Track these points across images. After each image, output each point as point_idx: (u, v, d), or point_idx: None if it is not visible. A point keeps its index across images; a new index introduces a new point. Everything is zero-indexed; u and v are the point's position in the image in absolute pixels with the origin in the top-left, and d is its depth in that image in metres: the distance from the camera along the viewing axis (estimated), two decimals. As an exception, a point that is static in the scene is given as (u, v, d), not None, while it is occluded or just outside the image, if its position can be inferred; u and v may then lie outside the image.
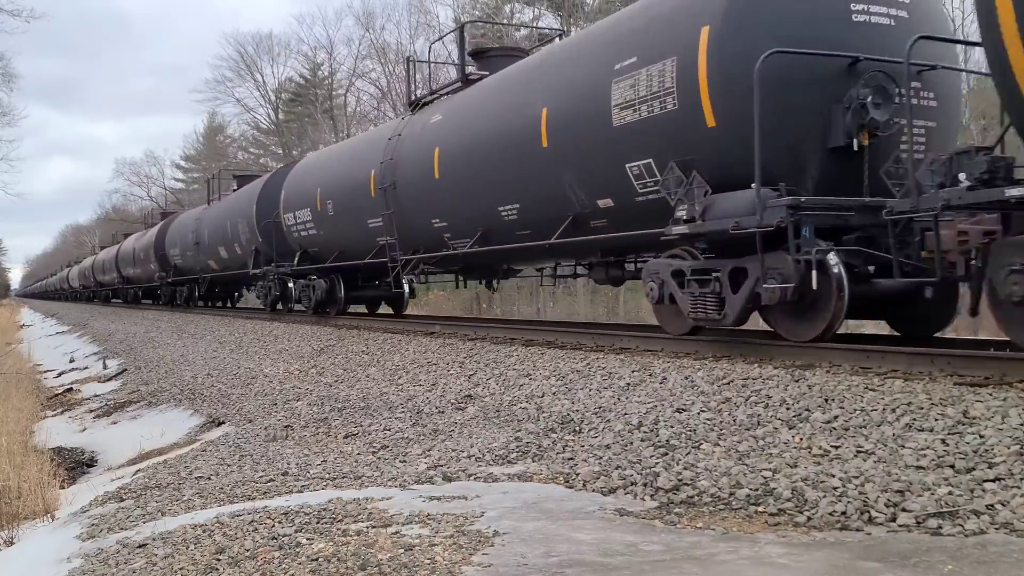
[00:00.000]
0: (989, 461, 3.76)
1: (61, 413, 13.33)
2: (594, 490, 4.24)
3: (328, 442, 6.52)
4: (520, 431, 5.65)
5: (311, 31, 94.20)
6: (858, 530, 3.37)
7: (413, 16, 43.06)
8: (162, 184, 71.03)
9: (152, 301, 34.67)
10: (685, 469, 4.29)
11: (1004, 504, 3.40)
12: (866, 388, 4.96)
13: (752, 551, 3.14)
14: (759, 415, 4.95)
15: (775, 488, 3.85)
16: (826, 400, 4.91)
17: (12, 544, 5.51)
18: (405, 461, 5.40)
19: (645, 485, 4.16)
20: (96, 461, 9.72)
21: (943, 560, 2.92)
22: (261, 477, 5.35)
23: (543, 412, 6.07)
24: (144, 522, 4.61)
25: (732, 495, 3.89)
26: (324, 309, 15.51)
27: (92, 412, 12.59)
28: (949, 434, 4.11)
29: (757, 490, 3.88)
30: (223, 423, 8.85)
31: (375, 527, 3.68)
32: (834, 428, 4.52)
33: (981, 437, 3.99)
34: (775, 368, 5.87)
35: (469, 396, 7.16)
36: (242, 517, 4.11)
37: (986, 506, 3.39)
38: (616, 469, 4.49)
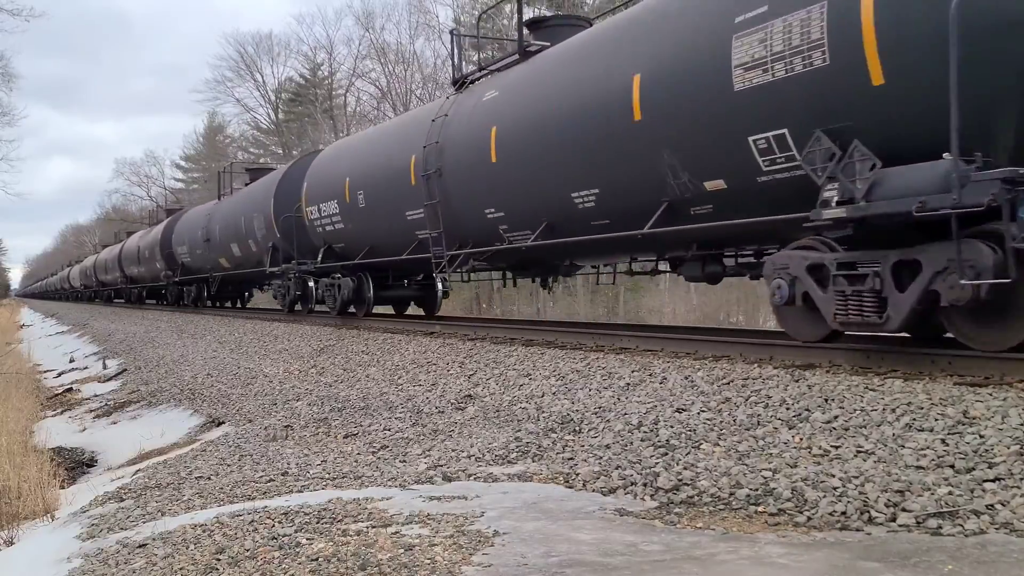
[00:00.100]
0: (989, 461, 3.76)
1: (61, 413, 13.34)
2: (594, 490, 4.24)
3: (328, 442, 6.52)
4: (520, 431, 5.65)
5: (311, 31, 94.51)
6: (858, 530, 3.37)
7: (413, 16, 43.12)
8: (162, 184, 71.22)
9: (156, 301, 33.80)
10: (685, 469, 4.29)
11: (1004, 504, 3.40)
12: (866, 388, 4.96)
13: (752, 551, 3.14)
14: (759, 415, 4.95)
15: (775, 488, 3.85)
16: (826, 400, 4.92)
17: (12, 544, 5.51)
18: (405, 461, 5.40)
19: (645, 485, 4.16)
20: (96, 461, 9.73)
21: (943, 560, 2.92)
22: (261, 477, 5.36)
23: (543, 412, 6.08)
24: (144, 522, 4.61)
25: (732, 495, 3.89)
26: (349, 310, 14.49)
27: (92, 412, 12.60)
28: (949, 434, 4.11)
29: (757, 490, 3.88)
30: (223, 423, 8.86)
31: (375, 527, 3.69)
32: (834, 428, 4.52)
33: (981, 437, 4.00)
34: (775, 368, 5.87)
35: (469, 396, 7.17)
36: (242, 517, 4.11)
37: (986, 506, 3.39)
38: (616, 469, 4.49)
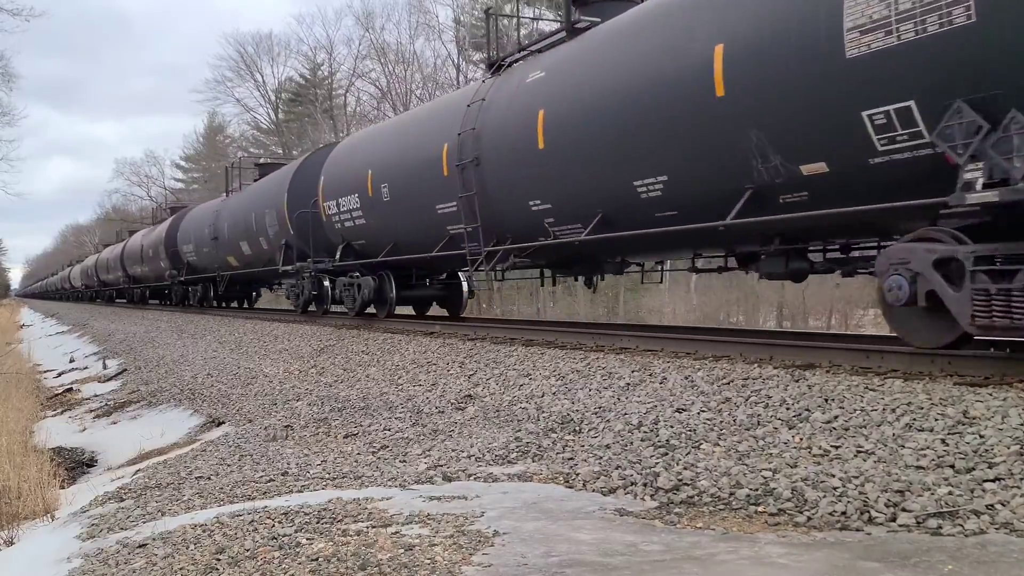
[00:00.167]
0: (989, 461, 3.76)
1: (61, 413, 13.34)
2: (594, 490, 4.24)
3: (328, 442, 6.52)
4: (520, 431, 5.65)
5: (311, 31, 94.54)
6: (858, 530, 3.37)
7: (413, 16, 43.14)
8: (162, 184, 71.19)
9: (160, 301, 33.02)
10: (685, 469, 4.29)
11: (1004, 504, 3.40)
12: (866, 388, 4.96)
13: (752, 551, 3.14)
14: (759, 415, 4.95)
15: (775, 488, 3.85)
16: (826, 400, 4.91)
17: (12, 544, 5.51)
18: (405, 461, 5.40)
19: (645, 485, 4.16)
20: (96, 461, 9.73)
21: (943, 560, 2.92)
22: (261, 477, 5.35)
23: (543, 412, 6.07)
24: (144, 522, 4.61)
25: (732, 495, 3.89)
26: (368, 311, 13.75)
27: (92, 412, 12.60)
28: (949, 434, 4.11)
29: (757, 490, 3.88)
30: (223, 423, 8.85)
31: (375, 527, 3.68)
32: (834, 428, 4.52)
33: (981, 437, 4.00)
34: (775, 368, 5.87)
35: (469, 396, 7.17)
36: (242, 517, 4.11)
37: (986, 506, 3.39)
38: (616, 469, 4.49)
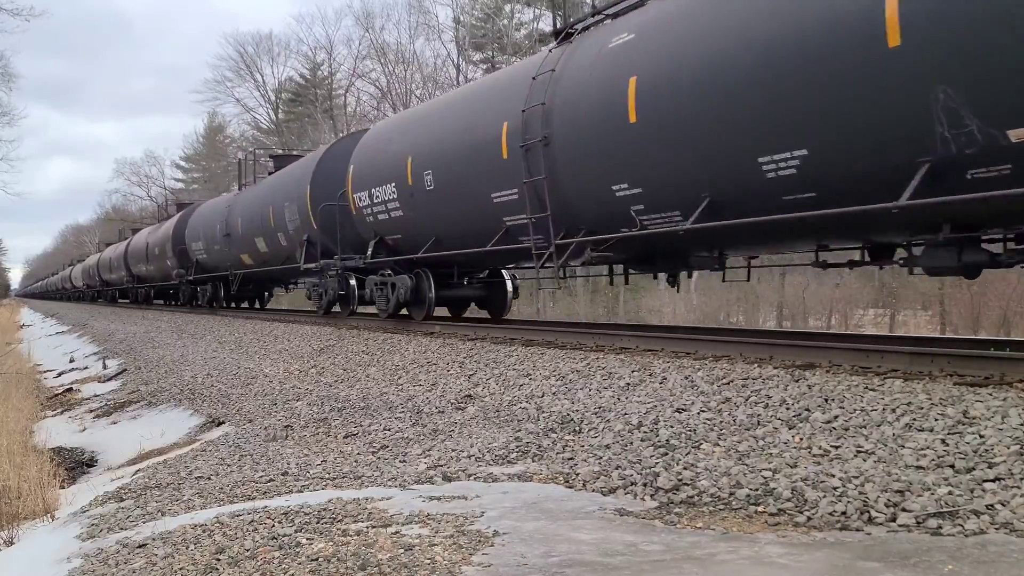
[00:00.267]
0: (989, 461, 3.76)
1: (61, 413, 13.34)
2: (594, 490, 4.24)
3: (328, 442, 6.52)
4: (520, 431, 5.65)
5: (311, 31, 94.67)
6: (858, 530, 3.37)
7: (413, 16, 43.18)
8: (162, 184, 71.23)
9: (164, 302, 32.03)
10: (685, 469, 4.29)
11: (1004, 504, 3.40)
12: (866, 388, 4.96)
13: (752, 551, 3.14)
14: (759, 415, 4.95)
15: (775, 488, 3.85)
16: (826, 400, 4.92)
17: (12, 544, 5.51)
18: (405, 461, 5.40)
19: (645, 485, 4.16)
20: (96, 461, 9.73)
21: (943, 560, 2.92)
22: (261, 477, 5.35)
23: (543, 412, 6.08)
24: (144, 522, 4.61)
25: (732, 495, 3.89)
26: (402, 312, 12.62)
27: (92, 412, 12.59)
28: (949, 434, 4.11)
29: (757, 490, 3.88)
30: (223, 423, 8.85)
31: (375, 527, 3.69)
32: (834, 428, 4.52)
33: (981, 437, 4.00)
34: (775, 368, 5.87)
35: (469, 396, 7.17)
36: (242, 517, 4.11)
37: (986, 506, 3.39)
38: (616, 469, 4.49)
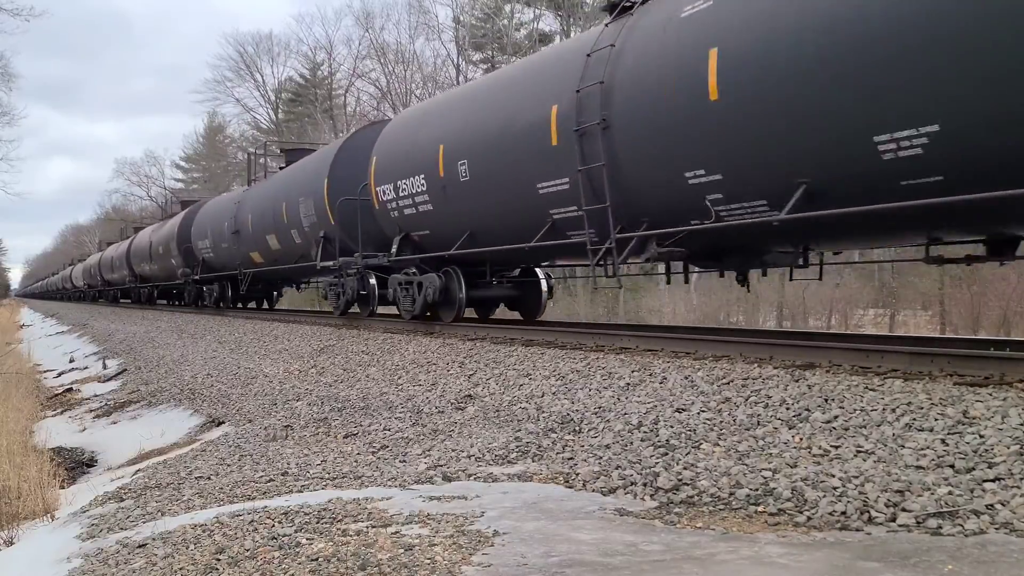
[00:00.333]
0: (989, 461, 3.76)
1: (61, 413, 13.34)
2: (594, 490, 4.24)
3: (328, 442, 6.52)
4: (520, 431, 5.65)
5: (311, 31, 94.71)
6: (858, 530, 3.37)
7: (412, 16, 43.19)
8: (162, 184, 71.27)
9: (168, 302, 31.54)
10: (685, 469, 4.29)
11: (1004, 504, 3.40)
12: (866, 388, 4.96)
13: (752, 551, 3.14)
14: (759, 415, 4.95)
15: (775, 488, 3.85)
16: (826, 400, 4.92)
17: (12, 544, 5.51)
18: (405, 461, 5.40)
19: (645, 485, 4.16)
20: (96, 461, 9.72)
21: (943, 560, 2.92)
22: (261, 477, 5.35)
23: (543, 412, 6.07)
24: (144, 522, 4.61)
25: (732, 495, 3.89)
26: (429, 314, 11.75)
27: (92, 412, 12.59)
28: (949, 434, 4.11)
29: (757, 490, 3.88)
30: (223, 423, 8.85)
31: (375, 527, 3.69)
32: (834, 428, 4.52)
33: (981, 437, 4.00)
34: (775, 368, 5.87)
35: (469, 396, 7.17)
36: (242, 517, 4.11)
37: (986, 506, 3.39)
38: (616, 469, 4.49)
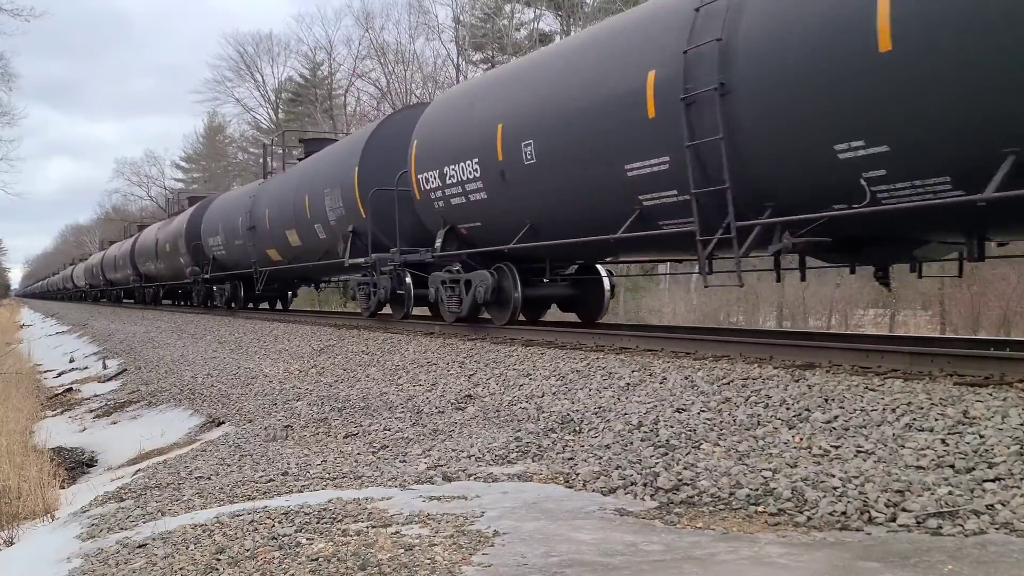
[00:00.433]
0: (989, 461, 3.76)
1: (61, 413, 13.33)
2: (594, 490, 4.24)
3: (328, 442, 6.52)
4: (520, 431, 5.65)
5: (310, 31, 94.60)
6: (858, 530, 3.37)
7: (412, 16, 43.19)
8: (162, 184, 71.28)
9: (173, 302, 30.64)
10: (685, 469, 4.29)
11: (1004, 504, 3.40)
12: (866, 388, 4.96)
13: (752, 551, 3.14)
14: (759, 415, 4.95)
15: (775, 488, 3.85)
16: (826, 400, 4.92)
17: (12, 544, 5.51)
18: (405, 461, 5.40)
19: (645, 485, 4.16)
20: (96, 461, 9.72)
21: (943, 560, 2.92)
22: (261, 477, 5.35)
23: (543, 412, 6.07)
24: (144, 522, 4.61)
25: (732, 495, 3.89)
26: (478, 316, 10.67)
27: (92, 412, 12.58)
28: (949, 434, 4.11)
29: (757, 490, 3.88)
30: (223, 423, 8.85)
31: (375, 527, 3.69)
32: (834, 428, 4.52)
33: (981, 437, 4.00)
34: (775, 368, 5.87)
35: (469, 396, 7.17)
36: (242, 517, 4.11)
37: (986, 506, 3.39)
38: (616, 469, 4.49)
